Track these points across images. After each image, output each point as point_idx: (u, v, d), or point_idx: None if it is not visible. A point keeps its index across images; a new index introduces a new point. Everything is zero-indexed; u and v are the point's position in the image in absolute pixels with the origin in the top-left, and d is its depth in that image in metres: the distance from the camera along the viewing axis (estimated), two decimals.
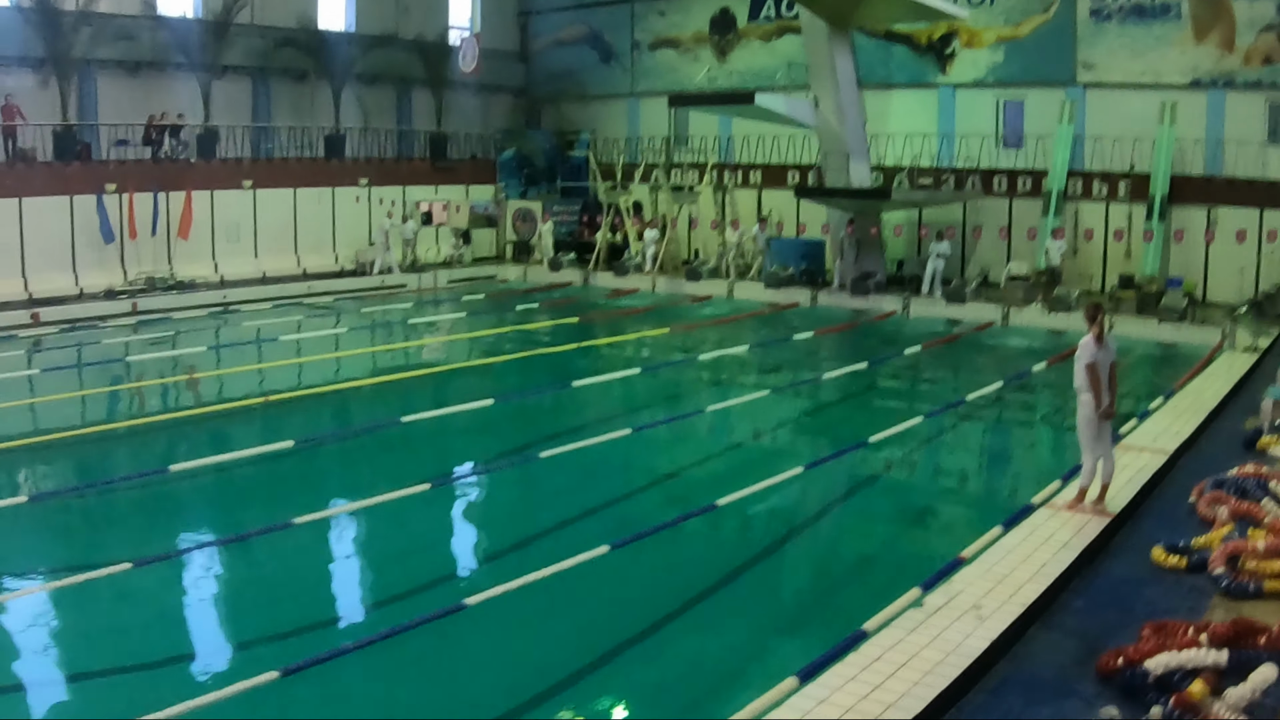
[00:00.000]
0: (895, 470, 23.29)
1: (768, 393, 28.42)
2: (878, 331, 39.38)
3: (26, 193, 41.98)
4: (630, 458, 24.18)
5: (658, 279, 49.77)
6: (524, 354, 34.14)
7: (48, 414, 27.46)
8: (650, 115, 56.97)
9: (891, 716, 10.81)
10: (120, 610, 15.96)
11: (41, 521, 19.86)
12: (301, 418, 27.25)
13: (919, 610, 13.42)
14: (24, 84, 44.01)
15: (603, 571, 16.21)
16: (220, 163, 48.55)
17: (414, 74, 57.24)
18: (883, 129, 46.59)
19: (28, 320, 39.21)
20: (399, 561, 18.61)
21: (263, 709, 12.44)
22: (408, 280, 50.91)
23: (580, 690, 13.36)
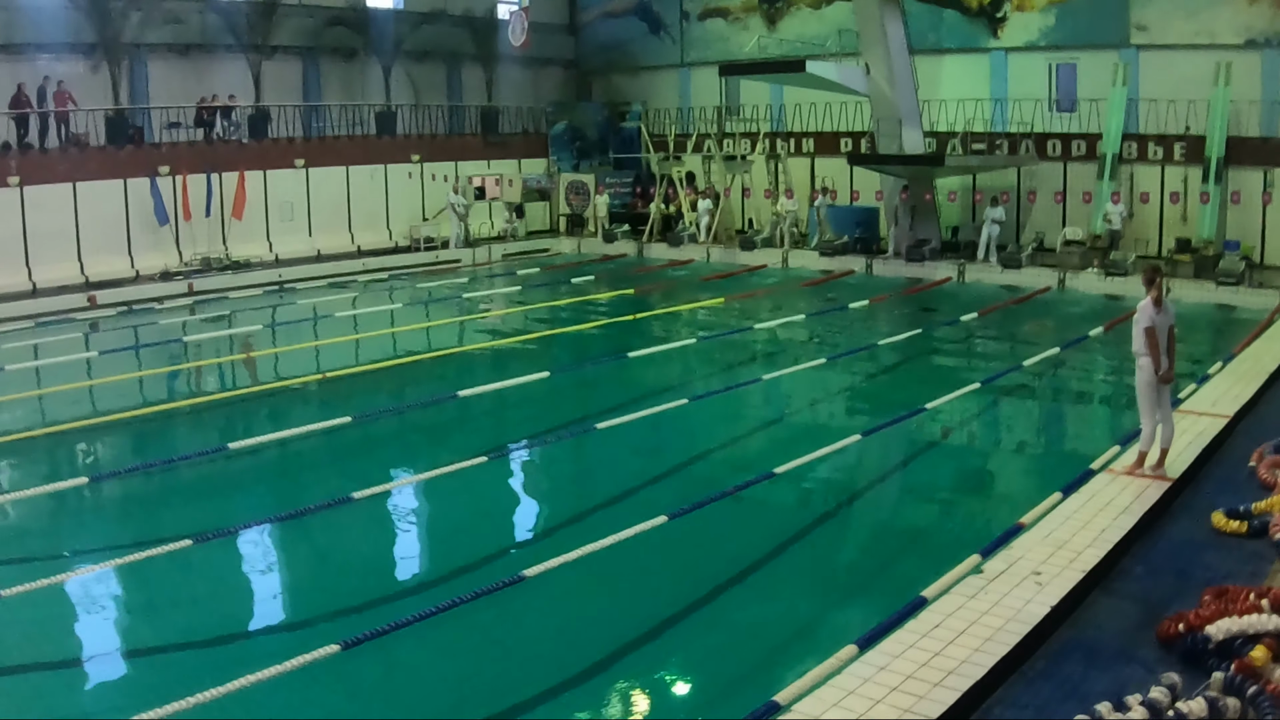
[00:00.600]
0: (953, 437, 23.23)
1: (824, 361, 28.32)
2: (933, 298, 39.22)
3: (80, 177, 42.28)
4: (687, 427, 24.18)
5: (712, 249, 49.77)
6: (579, 326, 34.21)
7: (106, 395, 27.63)
8: (701, 85, 56.80)
9: (952, 683, 10.81)
10: (181, 586, 16.14)
11: (102, 501, 20.06)
12: (359, 394, 27.37)
13: (978, 577, 13.41)
14: (75, 70, 44.24)
15: (661, 541, 16.22)
16: (272, 142, 48.74)
17: (464, 49, 57.16)
18: (935, 94, 46.28)
19: (84, 303, 39.54)
20: (457, 534, 18.75)
21: (324, 682, 12.57)
22: (462, 255, 51.05)
23: (638, 659, 13.39)
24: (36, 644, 14.28)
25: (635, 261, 50.86)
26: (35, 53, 43.15)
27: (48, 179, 41.40)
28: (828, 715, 10.33)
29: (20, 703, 12.73)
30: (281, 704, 12.13)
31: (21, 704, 12.69)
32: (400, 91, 54.40)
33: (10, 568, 16.50)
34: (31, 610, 14.77)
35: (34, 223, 40.87)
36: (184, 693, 11.21)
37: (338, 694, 12.63)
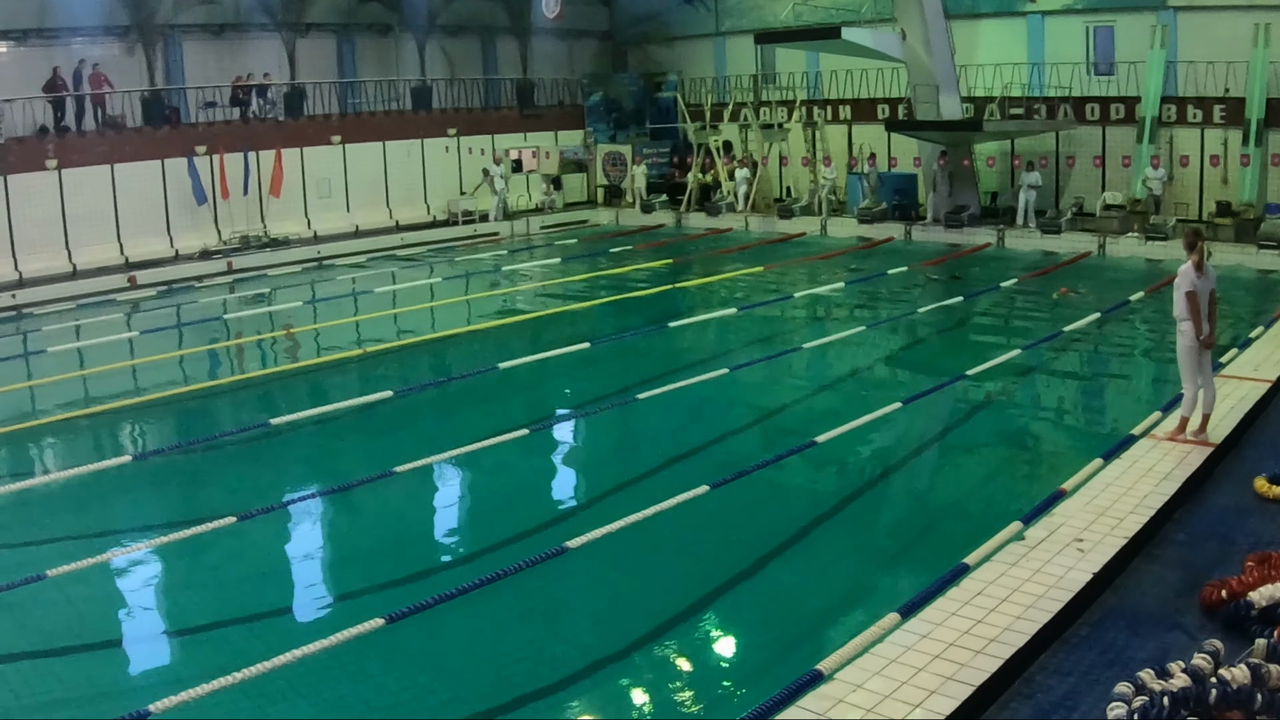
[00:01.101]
0: (994, 403, 23.16)
1: (864, 328, 28.32)
2: (973, 265, 39.10)
3: (118, 159, 42.53)
4: (728, 397, 24.22)
5: (750, 218, 49.76)
6: (619, 297, 34.25)
7: (149, 374, 27.84)
8: (737, 54, 56.60)
9: (994, 651, 10.83)
10: (226, 563, 16.29)
11: (146, 479, 20.18)
12: (399, 368, 27.55)
13: (1020, 544, 13.41)
14: (110, 53, 44.50)
15: (703, 511, 16.30)
16: (308, 120, 48.89)
17: (497, 23, 57.12)
18: (972, 60, 46.03)
19: (125, 284, 39.78)
20: (500, 506, 18.84)
21: (369, 656, 12.68)
22: (500, 228, 51.15)
23: (682, 629, 13.45)
24: (83, 622, 14.42)
25: (673, 231, 50.91)
26: (70, 36, 43.38)
27: (85, 162, 41.63)
28: (870, 684, 10.37)
29: (68, 681, 12.85)
30: (327, 678, 12.27)
31: (69, 682, 12.81)
32: (435, 66, 54.45)
33: (56, 546, 16.66)
34: (77, 589, 14.95)
35: (73, 205, 41.13)
36: (230, 668, 11.34)
37: (383, 667, 12.71)
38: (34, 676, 12.93)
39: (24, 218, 40.07)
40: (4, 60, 42.58)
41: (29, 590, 14.40)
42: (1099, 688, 10.41)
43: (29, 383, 27.51)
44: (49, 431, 23.11)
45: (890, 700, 10.08)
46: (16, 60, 42.68)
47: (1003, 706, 10.39)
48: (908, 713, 9.86)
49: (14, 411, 24.57)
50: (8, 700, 12.37)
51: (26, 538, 17.52)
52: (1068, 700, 10.42)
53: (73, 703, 12.29)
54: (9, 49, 42.84)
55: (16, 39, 42.85)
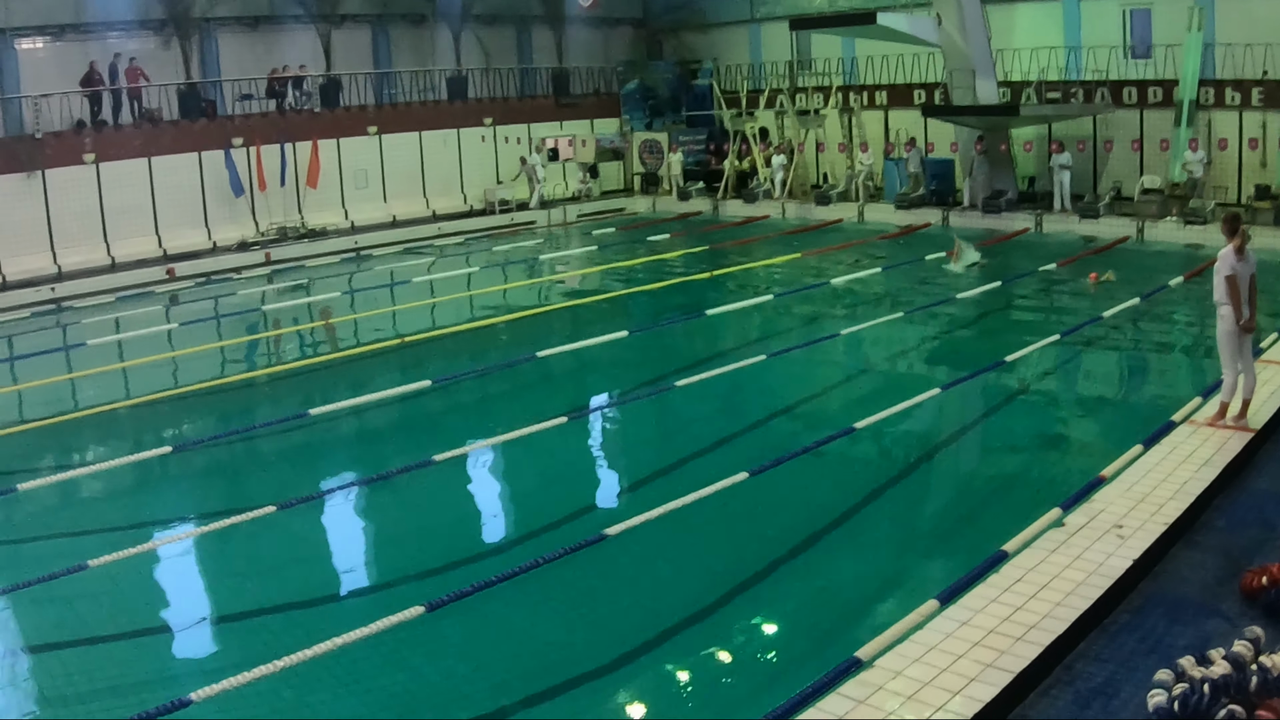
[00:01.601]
0: (1033, 389, 23.09)
1: (901, 315, 28.26)
2: (1011, 250, 38.96)
3: (155, 152, 42.80)
4: (766, 384, 24.24)
5: (787, 205, 49.69)
6: (656, 285, 34.23)
7: (188, 366, 27.97)
8: (772, 40, 56.43)
9: (1034, 638, 10.82)
10: (266, 552, 16.39)
11: (186, 470, 20.34)
12: (438, 357, 27.62)
13: (1060, 530, 13.37)
14: (146, 46, 44.75)
15: (742, 498, 16.33)
16: (344, 111, 49.05)
17: (532, 11, 57.11)
18: (1008, 44, 45.80)
19: (164, 276, 40.01)
20: (539, 495, 18.92)
21: (409, 644, 12.76)
22: (537, 216, 51.23)
23: (721, 616, 13.48)
24: (125, 611, 14.56)
25: (710, 219, 50.88)
26: (105, 31, 43.62)
27: (122, 155, 41.90)
28: (910, 671, 10.37)
29: (109, 669, 12.96)
30: (367, 666, 12.36)
31: (111, 672, 12.91)
32: (471, 56, 54.51)
33: (98, 537, 16.83)
34: (119, 579, 15.08)
35: (111, 198, 41.39)
36: (271, 656, 11.44)
37: (422, 655, 12.82)
38: (76, 665, 13.06)
39: (62, 211, 40.33)
40: (41, 55, 42.82)
41: (71, 580, 14.53)
42: (1139, 675, 10.39)
43: (69, 375, 27.72)
44: (89, 423, 23.26)
45: (930, 687, 10.08)
46: (53, 55, 42.94)
47: (1043, 694, 10.38)
48: (947, 700, 9.86)
49: (55, 404, 24.78)
50: (51, 689, 12.53)
51: (68, 528, 17.72)
52: (1108, 687, 10.41)
53: (115, 691, 12.39)
54: (45, 44, 43.09)
55: (53, 34, 43.10)
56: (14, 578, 15.06)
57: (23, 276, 38.77)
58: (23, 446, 22.10)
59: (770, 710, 10.14)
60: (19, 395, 26.30)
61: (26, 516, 18.46)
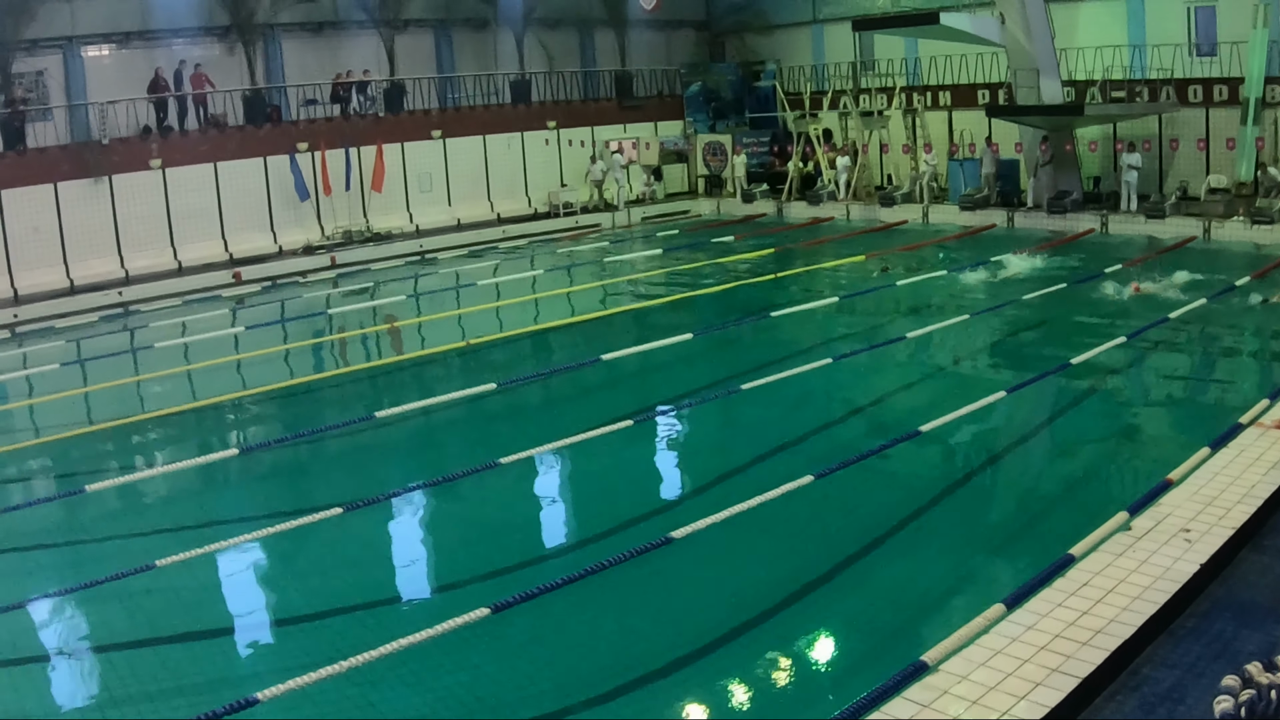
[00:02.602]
0: (1099, 392, 22.95)
1: (967, 317, 28.14)
2: (1076, 251, 38.73)
3: (220, 157, 43.32)
4: (831, 386, 24.24)
5: (851, 206, 49.60)
6: (721, 287, 34.23)
7: (254, 369, 28.19)
8: (835, 41, 56.26)
9: (1100, 643, 10.76)
10: (333, 553, 16.57)
11: (253, 472, 20.54)
12: (503, 360, 27.74)
13: (1126, 534, 13.30)
14: (211, 53, 45.29)
15: (807, 501, 16.32)
16: (408, 115, 49.32)
17: (595, 14, 57.16)
18: (1072, 42, 45.45)
19: (230, 280, 40.34)
20: (604, 497, 18.96)
21: (474, 644, 12.87)
22: (601, 219, 51.35)
23: (785, 619, 13.50)
24: (191, 611, 14.77)
25: (775, 221, 50.84)
26: (171, 38, 44.15)
27: (188, 160, 42.42)
28: (975, 675, 10.34)
29: (175, 669, 13.15)
30: (433, 667, 12.47)
31: (177, 670, 13.11)
32: (533, 59, 54.60)
33: (165, 537, 17.07)
34: (187, 579, 15.29)
35: (177, 203, 41.88)
36: (336, 657, 11.52)
37: (487, 656, 12.90)
38: (142, 664, 13.24)
39: (129, 216, 40.82)
40: (107, 63, 43.31)
41: (139, 579, 14.75)
42: (1205, 680, 10.32)
43: (137, 378, 27.99)
44: (157, 425, 23.54)
45: (995, 692, 10.05)
46: (119, 62, 43.45)
47: (1109, 699, 10.33)
48: (1012, 705, 9.82)
49: (123, 406, 25.09)
50: (119, 687, 12.70)
51: (136, 529, 17.96)
52: (1174, 693, 10.35)
53: (181, 690, 12.56)
54: (111, 51, 43.60)
55: (118, 41, 43.61)
56: (82, 576, 15.31)
57: (90, 280, 39.19)
58: (91, 448, 22.39)
59: (834, 714, 10.14)
60: (87, 397, 26.61)
61: (94, 517, 18.72)
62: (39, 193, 39.57)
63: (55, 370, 29.19)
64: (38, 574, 16.46)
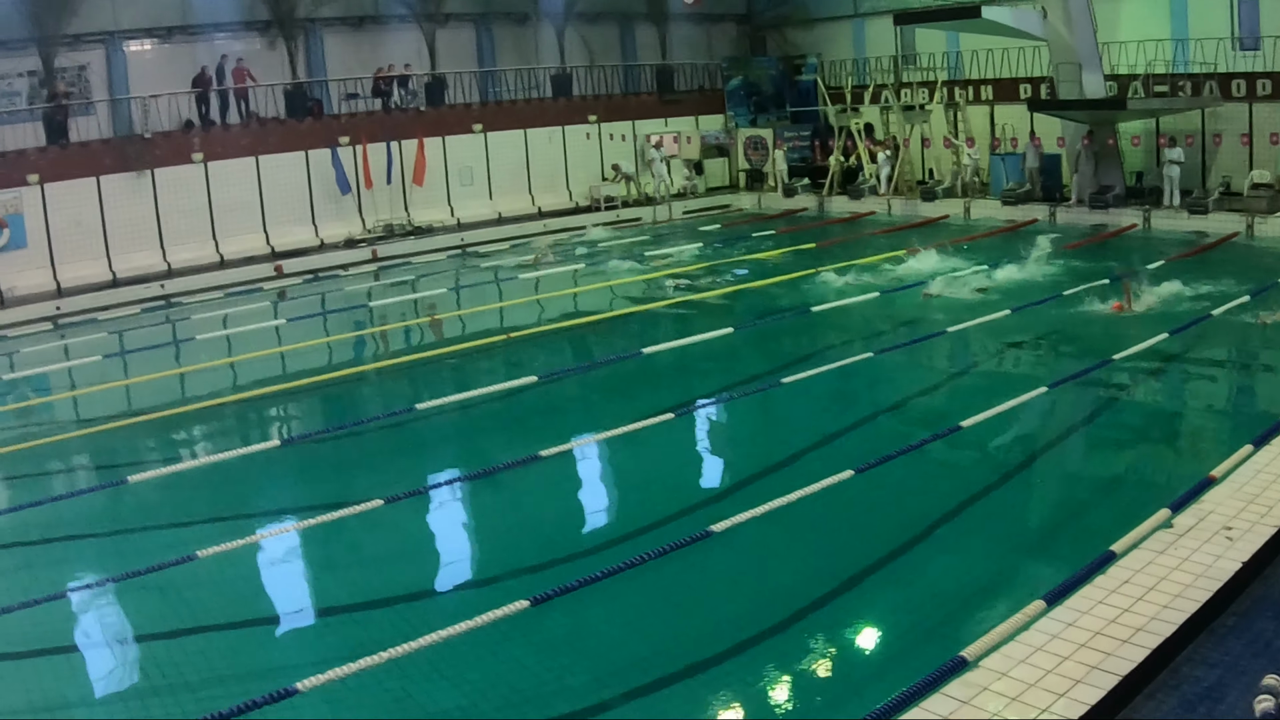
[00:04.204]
0: (1141, 388, 22.83)
1: (1008, 312, 27.99)
2: (1118, 246, 38.54)
3: (262, 151, 43.73)
4: (872, 381, 24.15)
5: (893, 201, 49.47)
6: (762, 282, 34.14)
7: (295, 361, 28.34)
8: (876, 35, 56.15)
9: (1140, 640, 10.72)
10: (371, 545, 16.65)
11: (294, 463, 20.60)
12: (543, 353, 27.80)
13: (1168, 532, 13.22)
14: (252, 47, 45.64)
15: (847, 496, 16.27)
16: (449, 109, 49.66)
17: (636, 9, 57.34)
18: (1114, 36, 45.13)
19: (271, 273, 40.57)
20: (644, 490, 19.00)
21: (512, 637, 12.89)
22: (642, 213, 51.37)
23: (824, 614, 13.48)
24: (232, 602, 14.87)
25: (816, 215, 50.79)
26: (212, 32, 44.44)
27: (230, 154, 42.83)
28: (1015, 672, 10.31)
29: (216, 659, 13.24)
30: (472, 659, 12.47)
31: (217, 660, 13.20)
32: (574, 53, 54.73)
33: (206, 528, 17.15)
34: (227, 570, 15.44)
35: (219, 197, 42.28)
36: (376, 648, 11.54)
37: (526, 648, 12.92)
38: (183, 654, 13.32)
39: (171, 209, 41.21)
40: (149, 57, 43.62)
41: (180, 570, 14.86)
42: (1246, 679, 10.27)
43: (179, 369, 28.19)
44: (198, 417, 23.66)
45: (1035, 689, 10.01)
46: (160, 57, 43.80)
47: (1149, 697, 10.28)
48: (1052, 702, 9.79)
49: (165, 397, 25.24)
50: (158, 676, 12.77)
51: (177, 519, 18.01)
52: (1214, 692, 10.29)
53: (221, 679, 12.64)
54: (154, 46, 43.84)
55: (160, 36, 43.90)
56: (124, 566, 15.40)
57: (133, 273, 39.53)
58: (133, 439, 22.51)
59: (873, 709, 10.10)
60: (129, 389, 26.78)
61: (136, 507, 18.82)
62: (82, 186, 39.92)
63: (97, 362, 29.41)
64: (81, 563, 16.62)
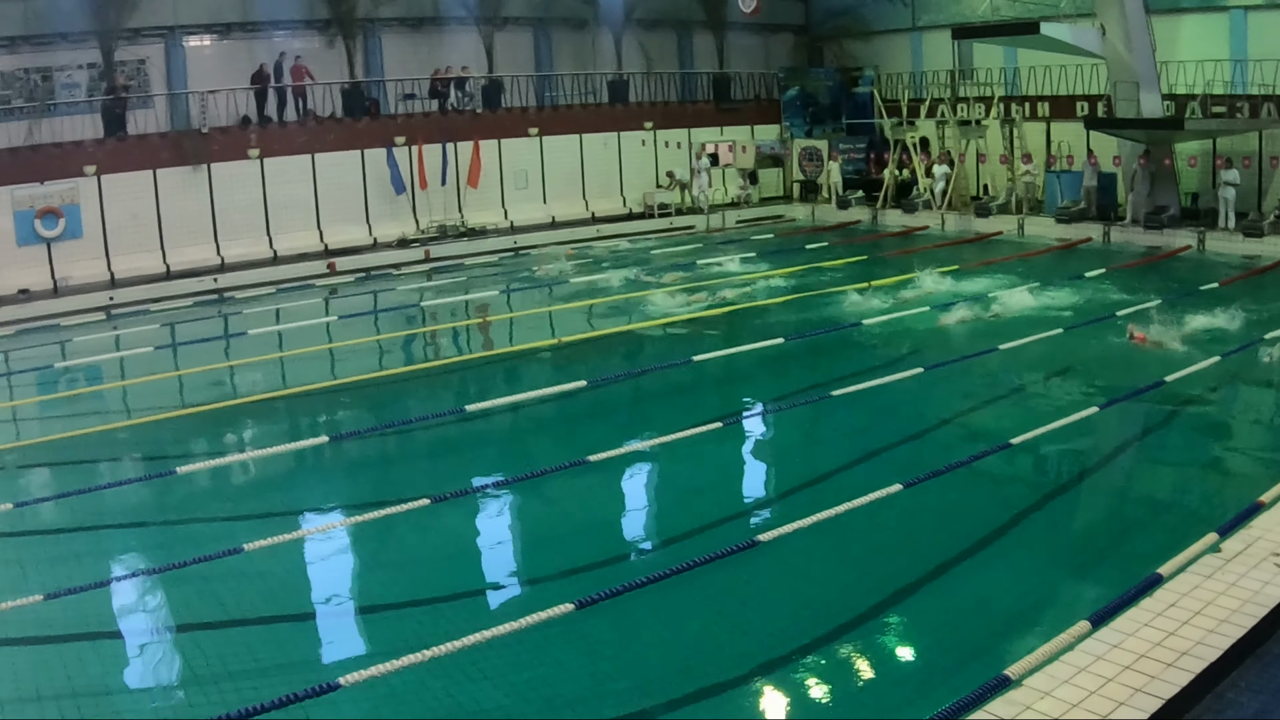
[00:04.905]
0: (1191, 411, 22.69)
1: (1060, 331, 27.88)
2: (1172, 268, 38.34)
3: (318, 149, 43.97)
4: (922, 395, 24.06)
5: (947, 216, 49.30)
6: (813, 293, 34.06)
7: (346, 359, 28.51)
8: (933, 49, 56.05)
9: (1185, 664, 10.67)
10: (417, 544, 16.80)
11: (342, 460, 20.73)
12: (594, 358, 27.82)
13: (1215, 556, 13.15)
14: (311, 46, 45.97)
15: (894, 509, 16.28)
16: (506, 112, 49.84)
17: (694, 17, 57.36)
18: (1172, 55, 44.89)
19: (324, 270, 40.81)
20: (691, 498, 18.97)
21: (556, 640, 12.95)
22: (696, 221, 51.43)
23: (868, 627, 13.49)
24: (276, 595, 15.04)
25: (869, 228, 50.67)
26: (271, 30, 44.74)
27: (286, 151, 43.15)
28: (1059, 691, 10.29)
29: (259, 651, 13.35)
30: (515, 661, 12.55)
31: (260, 652, 13.32)
32: (631, 60, 54.85)
33: (253, 522, 17.34)
34: (273, 563, 15.55)
35: (274, 193, 42.58)
36: (419, 646, 11.62)
37: (569, 652, 12.99)
38: (227, 645, 13.45)
39: (226, 204, 41.60)
40: (208, 53, 44.03)
41: (225, 562, 15.01)
42: None
43: (230, 363, 28.36)
44: (248, 411, 23.85)
45: (1078, 709, 9.98)
46: (220, 53, 44.23)
47: None
48: None
49: (215, 391, 25.43)
50: (201, 666, 12.89)
51: (225, 512, 18.20)
52: (1259, 718, 10.25)
53: (264, 671, 12.75)
54: (213, 42, 44.23)
55: (220, 32, 44.26)
56: (171, 557, 15.59)
57: (186, 266, 39.91)
58: (183, 430, 22.71)
59: None
60: (180, 380, 26.98)
61: (184, 498, 18.99)
62: (138, 179, 40.29)
63: (148, 353, 29.62)
64: (128, 551, 16.83)
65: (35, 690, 12.55)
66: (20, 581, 15.34)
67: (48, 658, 13.33)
